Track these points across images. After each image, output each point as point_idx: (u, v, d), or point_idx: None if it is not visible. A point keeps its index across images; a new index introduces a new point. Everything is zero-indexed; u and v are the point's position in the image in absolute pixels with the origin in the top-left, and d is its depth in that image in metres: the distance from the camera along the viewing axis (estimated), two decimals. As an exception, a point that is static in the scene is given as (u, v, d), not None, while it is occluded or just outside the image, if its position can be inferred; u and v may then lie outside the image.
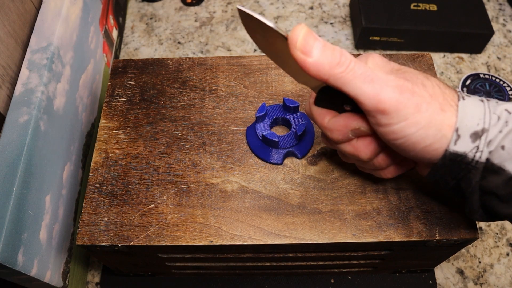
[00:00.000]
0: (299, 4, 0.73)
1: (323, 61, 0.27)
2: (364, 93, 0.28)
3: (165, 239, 0.37)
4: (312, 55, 0.27)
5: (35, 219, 0.38)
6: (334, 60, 0.28)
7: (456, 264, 0.51)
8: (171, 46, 0.68)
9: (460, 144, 0.28)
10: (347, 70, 0.28)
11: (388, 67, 0.31)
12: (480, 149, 0.28)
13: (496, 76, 0.64)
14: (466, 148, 0.28)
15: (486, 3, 0.72)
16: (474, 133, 0.28)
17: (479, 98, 0.29)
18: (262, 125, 0.42)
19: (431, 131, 0.28)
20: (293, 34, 0.27)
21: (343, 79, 0.28)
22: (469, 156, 0.28)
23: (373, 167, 0.35)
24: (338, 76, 0.28)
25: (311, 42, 0.27)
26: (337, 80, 0.28)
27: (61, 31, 0.44)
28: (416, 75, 0.30)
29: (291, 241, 0.37)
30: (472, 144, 0.28)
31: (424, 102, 0.28)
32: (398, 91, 0.28)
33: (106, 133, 0.43)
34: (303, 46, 0.27)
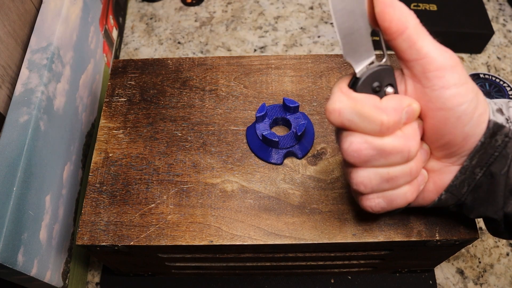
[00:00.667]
0: (299, 4, 0.73)
1: (405, 6, 0.27)
2: (438, 48, 0.27)
3: (165, 239, 0.37)
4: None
5: (35, 219, 0.38)
6: (412, 12, 0.28)
7: (456, 264, 0.51)
8: (171, 46, 0.68)
9: (496, 115, 0.28)
10: (421, 24, 0.28)
11: None
12: (510, 120, 0.28)
13: (496, 76, 0.64)
14: (502, 120, 0.28)
15: (486, 3, 0.72)
16: (498, 109, 0.29)
17: None
18: (262, 125, 0.42)
19: (481, 98, 0.28)
20: None
21: (421, 28, 0.27)
22: (506, 126, 0.28)
23: (409, 176, 0.30)
24: (418, 25, 0.27)
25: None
26: (417, 28, 0.27)
27: (61, 31, 0.44)
28: None
29: (291, 241, 0.37)
30: (502, 116, 0.29)
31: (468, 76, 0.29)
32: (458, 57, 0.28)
33: (106, 133, 0.43)
34: None
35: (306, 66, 0.47)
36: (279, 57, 0.47)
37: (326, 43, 0.68)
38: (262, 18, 0.71)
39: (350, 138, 0.28)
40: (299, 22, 0.70)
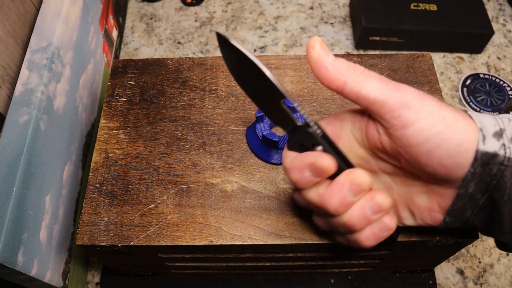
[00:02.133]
0: (299, 4, 0.73)
1: (341, 62, 0.28)
2: (384, 92, 0.27)
3: (165, 239, 0.37)
4: (330, 58, 0.28)
5: (35, 219, 0.38)
6: (350, 65, 0.28)
7: (456, 264, 0.51)
8: (171, 46, 0.68)
9: (488, 143, 0.26)
10: (364, 72, 0.28)
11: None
12: (507, 145, 0.26)
13: (496, 76, 0.64)
14: (495, 147, 0.26)
15: (486, 3, 0.72)
16: (495, 133, 0.27)
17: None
18: (262, 125, 0.42)
19: (459, 126, 0.26)
20: (310, 41, 0.28)
21: (361, 80, 0.27)
22: (500, 154, 0.26)
23: (346, 228, 0.30)
24: (355, 76, 0.27)
25: (326, 49, 0.28)
26: (355, 81, 0.27)
27: (61, 31, 0.44)
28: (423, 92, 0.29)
29: (291, 241, 0.37)
30: (498, 142, 0.26)
31: (440, 104, 0.27)
32: (416, 92, 0.27)
33: (106, 133, 0.43)
34: (322, 48, 0.28)
35: (306, 66, 0.47)
36: (279, 57, 0.47)
37: (326, 43, 0.68)
38: (262, 18, 0.71)
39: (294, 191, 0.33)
40: (299, 22, 0.70)
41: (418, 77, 0.45)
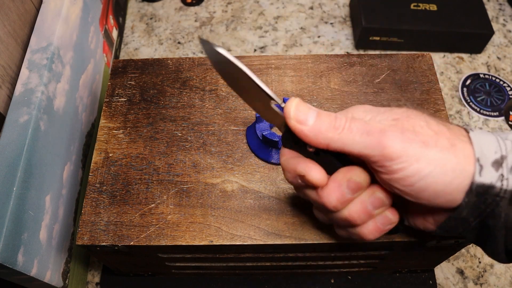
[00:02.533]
0: (299, 4, 0.73)
1: (319, 127, 0.28)
2: (366, 146, 0.27)
3: (165, 239, 0.37)
4: (308, 123, 0.28)
5: (35, 219, 0.38)
6: (330, 124, 0.28)
7: (456, 264, 0.51)
8: (171, 46, 0.68)
9: (485, 174, 0.26)
10: (344, 131, 0.27)
11: (379, 112, 0.29)
12: (505, 176, 0.26)
13: (496, 76, 0.64)
14: (492, 178, 0.26)
15: (486, 3, 0.72)
16: (495, 161, 0.26)
17: (485, 130, 0.28)
18: (262, 125, 0.42)
19: (449, 166, 0.26)
20: (286, 107, 0.28)
21: (342, 139, 0.27)
22: (497, 186, 0.26)
23: (347, 222, 0.30)
24: (337, 138, 0.27)
25: (304, 111, 0.28)
26: (336, 143, 0.27)
27: (61, 31, 0.44)
28: (415, 115, 0.28)
29: (291, 241, 0.37)
30: (496, 173, 0.26)
31: (430, 138, 0.26)
32: (399, 132, 0.26)
33: (106, 133, 0.43)
34: (297, 115, 0.28)
35: (306, 66, 0.47)
36: (279, 57, 0.47)
37: (326, 43, 0.68)
38: (262, 18, 0.71)
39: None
40: (299, 22, 0.70)
41: (418, 77, 0.45)
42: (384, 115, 0.28)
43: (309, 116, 0.28)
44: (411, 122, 0.27)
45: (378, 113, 0.29)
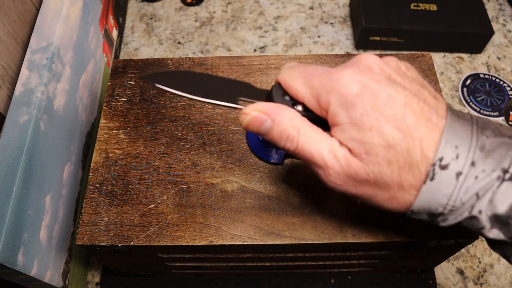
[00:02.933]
0: (299, 4, 0.73)
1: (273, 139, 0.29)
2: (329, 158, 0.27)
3: (165, 239, 0.37)
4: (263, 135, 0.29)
5: (35, 219, 0.38)
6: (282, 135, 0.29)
7: (456, 264, 0.51)
8: (171, 46, 0.68)
9: (416, 216, 0.27)
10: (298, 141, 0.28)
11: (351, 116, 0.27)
12: (438, 222, 0.27)
13: (496, 76, 0.64)
14: (423, 218, 0.27)
15: (486, 3, 0.72)
16: (431, 213, 0.26)
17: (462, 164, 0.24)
18: (262, 125, 0.42)
19: (392, 189, 0.26)
20: (241, 120, 0.29)
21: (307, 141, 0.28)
22: (439, 212, 0.26)
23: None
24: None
25: (255, 129, 0.29)
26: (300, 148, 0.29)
27: (61, 31, 0.44)
28: (392, 106, 0.25)
29: (291, 241, 0.37)
30: (427, 218, 0.27)
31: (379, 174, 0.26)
32: (346, 166, 0.27)
33: (106, 133, 0.43)
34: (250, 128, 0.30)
35: (306, 66, 0.47)
36: (279, 57, 0.47)
37: (326, 43, 0.68)
38: (262, 18, 0.71)
39: None
40: (299, 22, 0.70)
41: (418, 77, 0.45)
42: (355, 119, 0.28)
43: (262, 132, 0.29)
44: (371, 136, 0.26)
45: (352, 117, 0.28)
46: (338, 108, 0.26)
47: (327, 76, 0.27)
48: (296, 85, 0.28)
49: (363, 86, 0.26)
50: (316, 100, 0.28)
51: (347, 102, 0.26)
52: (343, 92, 0.26)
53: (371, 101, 0.25)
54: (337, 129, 0.27)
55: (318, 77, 0.27)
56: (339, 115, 0.26)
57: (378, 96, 0.25)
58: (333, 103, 0.26)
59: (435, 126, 0.25)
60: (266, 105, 0.29)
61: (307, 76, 0.28)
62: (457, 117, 0.26)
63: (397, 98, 0.25)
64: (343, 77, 0.26)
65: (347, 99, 0.26)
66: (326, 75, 0.27)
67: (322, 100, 0.27)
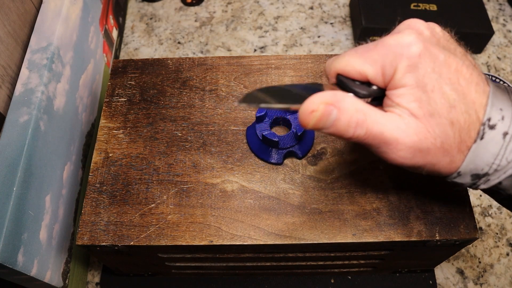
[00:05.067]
0: (299, 4, 0.73)
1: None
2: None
3: (165, 239, 0.37)
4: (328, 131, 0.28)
5: (35, 219, 0.38)
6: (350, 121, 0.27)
7: (456, 264, 0.51)
8: (171, 46, 0.68)
9: (459, 179, 0.28)
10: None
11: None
12: (478, 184, 0.28)
13: (496, 76, 0.64)
14: (464, 182, 0.28)
15: (486, 3, 0.72)
16: (476, 174, 0.27)
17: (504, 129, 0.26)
18: (262, 125, 0.42)
19: (439, 167, 0.28)
20: (304, 118, 0.27)
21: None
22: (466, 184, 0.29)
23: None
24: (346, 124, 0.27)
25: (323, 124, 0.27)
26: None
27: (61, 31, 0.44)
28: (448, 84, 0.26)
29: (291, 241, 0.37)
30: (470, 181, 0.28)
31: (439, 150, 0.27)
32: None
33: (106, 133, 0.43)
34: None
35: (306, 66, 0.47)
36: (279, 57, 0.47)
37: (326, 43, 0.68)
38: (262, 18, 0.71)
39: None
40: (299, 22, 0.70)
41: (418, 77, 0.45)
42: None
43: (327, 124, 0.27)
44: (436, 116, 0.26)
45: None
46: (404, 71, 0.26)
47: (383, 45, 0.27)
48: (358, 66, 0.27)
49: (423, 47, 0.26)
50: (381, 72, 0.27)
51: (411, 63, 0.26)
52: (406, 54, 0.26)
53: (431, 62, 0.26)
54: (399, 92, 0.27)
55: (374, 51, 0.27)
56: (404, 78, 0.26)
57: (436, 58, 0.26)
58: (399, 67, 0.26)
59: (482, 91, 0.27)
60: (327, 94, 0.26)
61: (362, 54, 0.27)
62: (496, 85, 0.28)
63: (450, 62, 0.26)
64: (403, 39, 0.26)
65: (411, 60, 0.26)
66: (381, 45, 0.27)
67: (387, 69, 0.27)
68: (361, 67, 0.27)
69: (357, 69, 0.27)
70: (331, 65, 0.29)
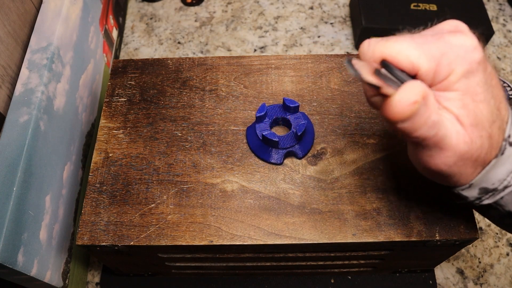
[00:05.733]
0: (299, 4, 0.73)
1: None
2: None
3: (165, 239, 0.37)
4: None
5: (35, 219, 0.38)
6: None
7: (456, 264, 0.51)
8: (171, 46, 0.68)
9: (467, 191, 0.28)
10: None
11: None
12: (482, 199, 0.28)
13: (496, 76, 0.64)
14: (470, 195, 0.28)
15: (486, 3, 0.72)
16: (484, 188, 0.27)
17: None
18: (262, 125, 0.42)
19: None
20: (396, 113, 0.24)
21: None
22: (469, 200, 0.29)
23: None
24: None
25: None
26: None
27: (61, 31, 0.44)
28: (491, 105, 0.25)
29: (291, 241, 0.37)
30: (477, 195, 0.28)
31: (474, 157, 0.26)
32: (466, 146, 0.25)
33: (106, 133, 0.43)
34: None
35: (306, 66, 0.47)
36: (279, 57, 0.47)
37: (326, 43, 0.68)
38: (262, 18, 0.71)
39: None
40: (299, 22, 0.70)
41: (418, 77, 0.45)
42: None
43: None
44: (482, 128, 0.25)
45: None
46: (461, 75, 0.24)
47: (445, 42, 0.25)
48: (413, 57, 0.24)
49: (482, 54, 0.25)
50: (435, 70, 0.25)
51: (470, 68, 0.24)
52: (469, 58, 0.24)
53: (484, 72, 0.25)
54: (449, 96, 0.25)
55: (434, 44, 0.25)
56: (459, 82, 0.24)
57: (487, 68, 0.25)
58: (457, 70, 0.24)
59: (507, 108, 0.27)
60: (422, 85, 0.24)
61: (420, 45, 0.25)
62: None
63: (494, 76, 0.26)
64: (467, 42, 0.25)
65: (471, 65, 0.24)
66: (444, 42, 0.25)
67: (443, 69, 0.24)
68: (417, 60, 0.24)
69: (412, 60, 0.24)
70: (376, 47, 0.25)
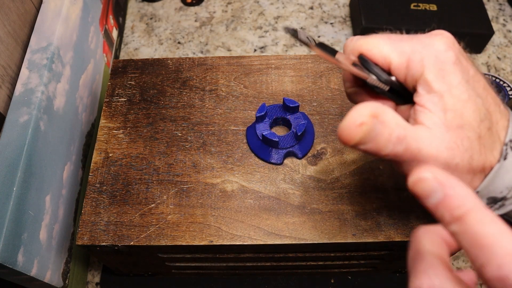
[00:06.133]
0: (299, 4, 0.73)
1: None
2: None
3: (165, 239, 0.37)
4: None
5: (35, 219, 0.38)
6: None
7: (456, 264, 0.51)
8: (171, 46, 0.68)
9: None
10: None
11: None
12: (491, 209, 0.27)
13: (496, 76, 0.64)
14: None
15: (486, 3, 0.72)
16: (493, 197, 0.27)
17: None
18: (262, 125, 0.42)
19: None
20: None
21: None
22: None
23: None
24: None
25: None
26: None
27: (61, 31, 0.44)
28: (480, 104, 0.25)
29: (291, 241, 0.37)
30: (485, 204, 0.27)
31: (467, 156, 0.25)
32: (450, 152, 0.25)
33: (106, 133, 0.43)
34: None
35: (306, 66, 0.47)
36: (279, 57, 0.47)
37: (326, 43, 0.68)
38: (262, 18, 0.71)
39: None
40: (299, 22, 0.70)
41: (418, 77, 0.45)
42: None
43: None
44: (471, 130, 0.25)
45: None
46: (435, 74, 0.25)
47: (418, 41, 0.26)
48: (384, 50, 0.26)
49: (457, 56, 0.25)
50: (406, 65, 0.26)
51: (444, 68, 0.25)
52: (440, 58, 0.25)
53: (465, 73, 0.25)
54: (430, 97, 0.25)
55: (406, 42, 0.26)
56: (435, 81, 0.25)
57: (467, 71, 0.25)
58: (428, 68, 0.25)
59: (503, 113, 0.26)
60: (372, 105, 0.24)
61: (393, 42, 0.26)
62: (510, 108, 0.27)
63: (479, 79, 0.26)
64: (438, 43, 0.25)
65: (445, 65, 0.25)
66: (416, 40, 0.26)
67: (415, 65, 0.25)
68: (388, 53, 0.26)
69: (384, 54, 0.26)
70: (356, 43, 0.28)
